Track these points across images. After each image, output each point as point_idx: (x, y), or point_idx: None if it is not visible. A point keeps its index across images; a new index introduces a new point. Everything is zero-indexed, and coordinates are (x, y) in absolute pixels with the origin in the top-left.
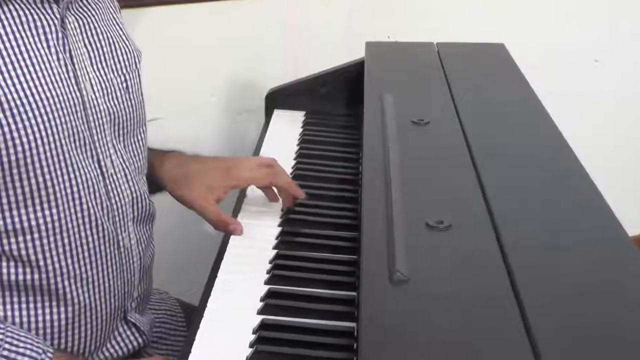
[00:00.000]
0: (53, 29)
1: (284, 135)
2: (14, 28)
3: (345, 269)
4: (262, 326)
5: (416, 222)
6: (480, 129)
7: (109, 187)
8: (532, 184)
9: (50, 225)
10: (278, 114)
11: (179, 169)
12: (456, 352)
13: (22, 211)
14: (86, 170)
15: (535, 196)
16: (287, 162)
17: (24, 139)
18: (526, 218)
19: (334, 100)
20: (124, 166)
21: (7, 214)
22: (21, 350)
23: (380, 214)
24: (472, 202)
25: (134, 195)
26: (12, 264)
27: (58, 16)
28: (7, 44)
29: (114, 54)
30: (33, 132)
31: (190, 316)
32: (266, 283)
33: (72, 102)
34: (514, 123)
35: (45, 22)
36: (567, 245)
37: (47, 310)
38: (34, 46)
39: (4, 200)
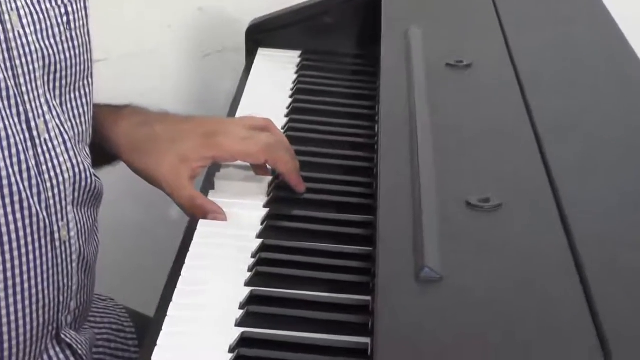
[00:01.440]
0: None
1: (272, 84)
2: None
3: (356, 265)
4: (242, 342)
5: (453, 200)
6: (542, 77)
7: (42, 158)
8: (615, 156)
9: None
10: (263, 55)
11: (140, 131)
12: None
13: None
14: (10, 134)
15: (620, 174)
16: (276, 121)
17: None
18: (604, 200)
19: (340, 36)
20: (62, 130)
21: None
22: None
23: (403, 190)
24: (530, 173)
25: (76, 169)
26: None
27: None
28: None
29: None
30: None
31: (144, 330)
32: (248, 284)
33: None
34: (590, 71)
35: None
36: None
37: None
38: None
39: None
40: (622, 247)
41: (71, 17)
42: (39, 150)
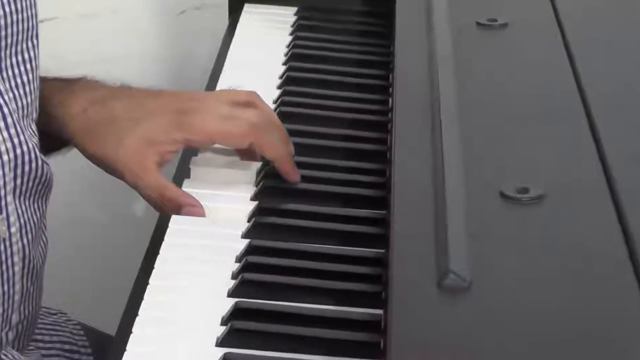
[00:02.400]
0: None
1: (261, 48)
2: None
3: (365, 271)
4: None
5: (484, 190)
6: (596, 41)
7: None
8: None
9: None
10: (250, 12)
11: (97, 109)
12: None
13: None
14: None
15: None
16: (266, 93)
17: None
18: None
19: None
20: (1, 102)
21: None
22: None
23: (423, 179)
24: (578, 159)
25: (17, 150)
26: None
27: None
28: None
29: None
30: None
31: (103, 351)
32: (231, 295)
33: None
34: None
35: None
36: None
37: None
38: None
39: None
40: None
41: None
42: None
